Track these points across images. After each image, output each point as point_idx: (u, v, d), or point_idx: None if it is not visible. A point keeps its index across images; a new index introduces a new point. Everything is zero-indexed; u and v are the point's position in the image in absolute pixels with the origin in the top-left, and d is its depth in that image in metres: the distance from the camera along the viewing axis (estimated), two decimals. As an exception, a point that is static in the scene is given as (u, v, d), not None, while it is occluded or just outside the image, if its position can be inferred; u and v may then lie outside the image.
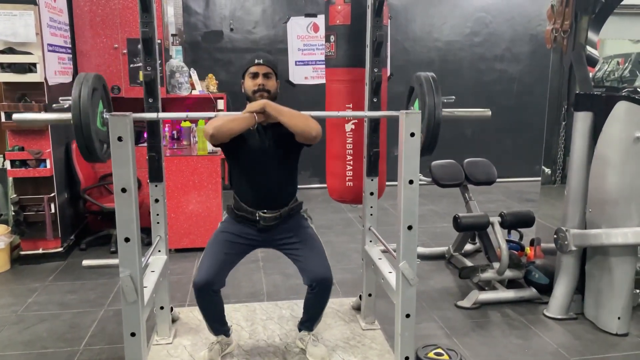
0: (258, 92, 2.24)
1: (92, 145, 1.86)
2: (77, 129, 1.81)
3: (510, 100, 6.71)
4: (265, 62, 2.27)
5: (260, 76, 2.25)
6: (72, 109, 1.81)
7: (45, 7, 3.63)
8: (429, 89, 2.09)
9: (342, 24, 2.76)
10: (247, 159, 2.30)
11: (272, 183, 2.32)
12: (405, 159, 1.97)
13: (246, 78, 2.29)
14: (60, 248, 3.84)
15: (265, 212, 2.31)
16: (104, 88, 2.02)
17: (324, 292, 2.32)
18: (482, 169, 3.68)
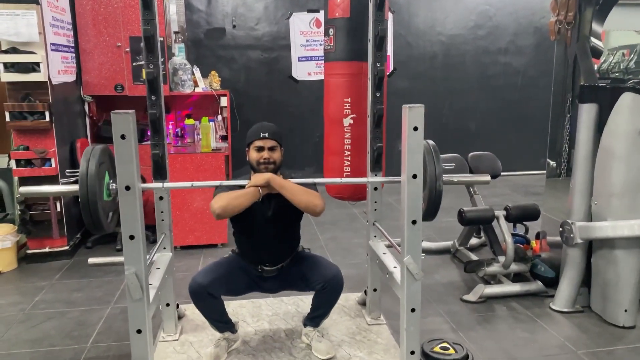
0: (263, 165, 2.29)
1: (97, 219, 1.88)
2: (83, 204, 1.84)
3: (515, 93, 6.68)
4: (271, 135, 2.30)
5: (266, 150, 2.29)
6: (80, 184, 1.83)
7: (47, 6, 3.64)
8: (430, 159, 2.09)
9: (341, 17, 2.75)
10: (251, 225, 2.35)
11: (275, 245, 2.39)
12: (408, 153, 1.96)
13: (251, 149, 2.32)
14: (67, 246, 3.86)
15: (267, 265, 2.41)
16: (110, 159, 2.03)
17: (335, 290, 2.38)
18: (486, 162, 3.66)
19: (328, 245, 4.14)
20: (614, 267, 2.77)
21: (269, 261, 2.41)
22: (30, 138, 3.64)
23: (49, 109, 3.59)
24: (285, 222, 2.40)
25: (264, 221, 2.35)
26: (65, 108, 3.95)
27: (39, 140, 3.65)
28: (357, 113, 2.74)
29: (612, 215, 2.74)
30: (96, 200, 1.84)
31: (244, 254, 2.45)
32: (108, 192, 1.99)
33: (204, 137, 4.06)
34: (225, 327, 2.46)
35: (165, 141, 2.47)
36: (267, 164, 2.28)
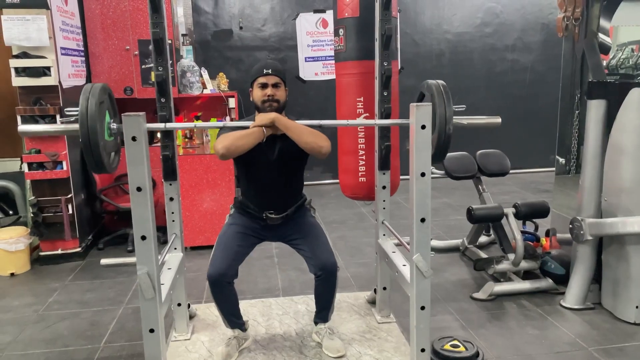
0: (267, 102, 2.25)
1: (99, 158, 1.85)
2: (84, 142, 1.80)
3: (523, 90, 6.65)
4: (274, 71, 2.25)
5: (270, 86, 2.25)
6: (80, 123, 1.79)
7: (57, 11, 3.68)
8: (440, 101, 2.03)
9: (351, 17, 2.76)
10: (255, 169, 2.35)
11: (279, 190, 2.38)
12: (416, 151, 1.97)
13: (255, 88, 2.28)
14: (79, 248, 3.90)
15: (271, 212, 2.37)
16: (110, 98, 2.00)
17: (330, 277, 2.35)
18: (495, 160, 3.66)
19: (337, 245, 4.15)
20: (625, 264, 2.76)
21: (273, 208, 2.37)
22: (42, 141, 3.68)
23: (60, 113, 3.64)
24: (290, 165, 2.35)
25: (268, 164, 2.31)
26: (75, 111, 4.00)
27: (50, 144, 3.70)
28: (369, 112, 2.74)
29: (622, 212, 2.73)
30: (97, 139, 1.79)
31: (248, 201, 2.41)
32: (109, 131, 1.94)
33: (212, 139, 4.09)
34: (237, 323, 2.48)
35: (175, 143, 2.50)
36: (272, 102, 2.24)
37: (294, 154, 2.28)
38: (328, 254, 2.34)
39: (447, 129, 2.01)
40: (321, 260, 2.32)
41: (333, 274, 2.34)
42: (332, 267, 2.32)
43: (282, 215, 2.39)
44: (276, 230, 2.44)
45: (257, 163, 2.31)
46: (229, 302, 2.39)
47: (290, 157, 2.32)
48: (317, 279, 2.35)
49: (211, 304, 3.01)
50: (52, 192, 3.75)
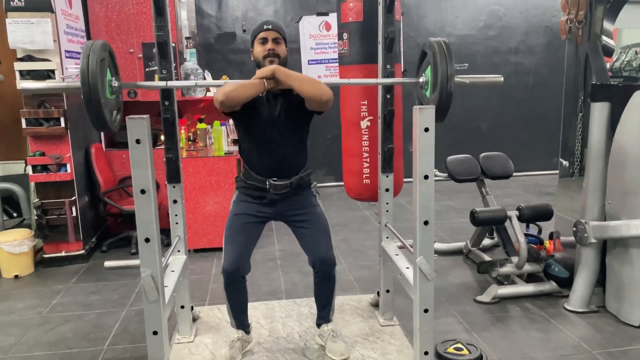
0: (268, 57, 2.22)
1: (102, 115, 1.83)
2: (86, 100, 1.79)
3: (526, 93, 6.65)
4: (274, 27, 2.26)
5: (270, 41, 2.24)
6: (81, 80, 1.77)
7: (61, 14, 3.70)
8: (442, 57, 2.01)
9: (354, 21, 2.77)
10: (257, 127, 2.28)
11: (282, 151, 2.30)
12: (419, 154, 1.97)
13: (255, 44, 2.27)
14: (82, 250, 3.91)
15: (275, 180, 2.30)
16: (110, 56, 1.97)
17: (327, 273, 2.36)
18: (498, 162, 3.65)
19: (340, 247, 4.15)
20: (629, 267, 2.75)
21: (277, 173, 2.30)
22: (46, 144, 3.70)
23: (64, 115, 3.66)
24: (293, 122, 2.30)
25: (272, 120, 2.26)
26: (79, 114, 4.01)
27: (54, 146, 3.71)
28: (374, 115, 2.75)
29: (626, 214, 2.72)
30: (99, 96, 1.78)
31: (251, 168, 2.34)
32: (110, 89, 1.91)
33: (216, 141, 4.10)
34: (243, 323, 2.48)
35: (178, 145, 2.50)
36: (272, 57, 2.22)
37: (297, 110, 2.25)
38: (327, 250, 2.34)
39: (449, 87, 1.99)
40: (319, 254, 2.32)
41: (330, 270, 2.35)
42: (329, 262, 2.33)
43: (287, 183, 2.31)
44: (279, 206, 2.37)
45: (259, 119, 2.25)
46: (240, 299, 2.41)
47: (294, 113, 2.27)
48: (316, 275, 2.37)
49: (214, 307, 3.02)
50: (56, 195, 3.77)
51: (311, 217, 2.39)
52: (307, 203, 2.42)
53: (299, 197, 2.39)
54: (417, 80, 2.25)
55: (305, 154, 2.41)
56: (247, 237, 2.34)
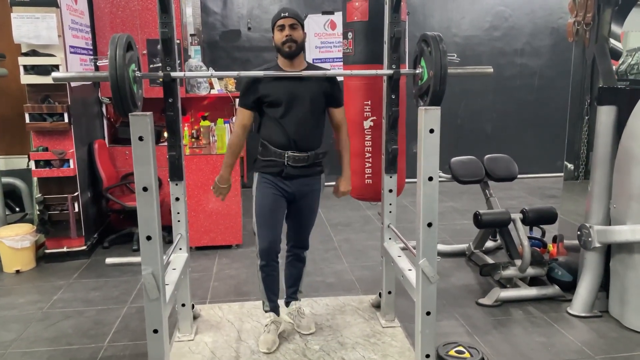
0: (287, 43, 2.37)
1: (127, 103, 1.95)
2: (113, 86, 1.90)
3: (531, 94, 6.61)
4: (291, 14, 2.40)
5: (287, 27, 2.37)
6: (109, 67, 1.88)
7: (66, 9, 3.70)
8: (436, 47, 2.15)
9: (360, 21, 2.76)
10: (282, 103, 2.41)
11: (303, 125, 2.43)
12: (424, 155, 1.95)
13: (275, 31, 2.42)
14: (84, 246, 3.91)
15: (294, 151, 2.43)
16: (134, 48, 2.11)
17: (300, 255, 2.67)
18: (502, 164, 3.63)
19: (342, 247, 4.13)
20: (633, 272, 2.72)
21: (296, 146, 2.43)
22: (50, 139, 3.70)
23: (68, 111, 3.65)
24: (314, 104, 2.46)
25: (294, 98, 2.41)
26: (83, 110, 4.01)
27: (57, 142, 3.71)
28: (377, 116, 2.74)
29: (632, 219, 2.70)
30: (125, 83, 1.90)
31: (272, 142, 2.46)
32: (133, 79, 2.04)
33: (219, 139, 4.08)
34: (275, 305, 2.63)
35: (181, 142, 2.49)
36: (290, 42, 2.37)
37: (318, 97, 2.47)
38: (306, 238, 2.65)
39: (442, 74, 2.11)
40: (299, 242, 2.64)
41: (304, 253, 2.68)
42: (306, 246, 2.67)
43: (304, 156, 2.44)
44: (295, 183, 2.48)
45: (284, 97, 2.41)
46: (273, 280, 2.56)
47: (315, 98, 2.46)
48: (289, 254, 2.67)
49: (215, 305, 3.02)
50: (58, 190, 3.76)
51: (311, 205, 2.58)
52: (314, 188, 2.57)
53: (311, 179, 2.54)
54: (414, 71, 2.37)
55: (320, 134, 2.54)
56: (276, 218, 2.49)
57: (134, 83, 2.12)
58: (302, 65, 2.46)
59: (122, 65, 1.93)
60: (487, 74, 2.43)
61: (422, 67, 2.36)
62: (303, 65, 2.47)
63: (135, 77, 2.12)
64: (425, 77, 2.35)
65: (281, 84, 2.40)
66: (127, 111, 2.03)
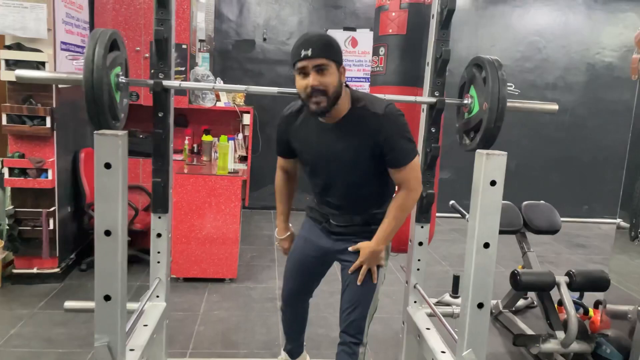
0: (312, 98, 1.66)
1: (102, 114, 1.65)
2: (87, 92, 1.59)
3: (561, 133, 6.15)
4: (316, 52, 1.62)
5: (312, 73, 1.64)
6: (84, 69, 1.57)
7: (62, 1, 3.28)
8: (495, 76, 1.81)
9: (395, 34, 2.32)
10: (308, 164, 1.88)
11: (341, 192, 1.84)
12: (481, 213, 1.48)
13: (296, 75, 1.71)
14: (57, 269, 3.43)
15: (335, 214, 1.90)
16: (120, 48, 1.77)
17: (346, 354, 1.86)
18: (543, 215, 3.15)
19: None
20: None
21: (337, 209, 1.87)
22: (28, 145, 3.25)
23: (52, 114, 3.21)
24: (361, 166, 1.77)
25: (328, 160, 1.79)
26: (71, 114, 3.56)
27: (37, 148, 3.26)
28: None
29: None
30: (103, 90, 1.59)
31: (312, 202, 2.01)
32: (116, 85, 1.73)
33: (221, 158, 3.63)
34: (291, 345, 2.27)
35: (170, 166, 2.03)
36: (318, 97, 1.64)
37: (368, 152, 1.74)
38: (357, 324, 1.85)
39: (499, 108, 1.79)
40: (347, 326, 1.86)
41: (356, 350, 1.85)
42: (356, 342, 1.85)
43: (349, 218, 1.87)
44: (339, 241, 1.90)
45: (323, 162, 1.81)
46: (291, 324, 2.21)
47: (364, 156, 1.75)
48: (338, 347, 1.89)
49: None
50: (33, 203, 3.30)
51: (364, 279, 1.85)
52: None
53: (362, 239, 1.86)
54: (462, 102, 1.97)
55: (379, 196, 1.88)
56: (306, 271, 2.05)
57: (116, 90, 1.76)
58: (340, 114, 1.74)
59: (101, 68, 1.60)
60: (552, 111, 2.02)
61: (472, 97, 1.93)
62: (342, 112, 1.74)
63: (119, 84, 1.77)
64: (476, 109, 1.92)
65: (311, 135, 1.80)
66: (103, 124, 1.69)
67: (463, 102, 1.97)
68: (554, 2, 5.95)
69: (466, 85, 2.01)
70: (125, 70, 1.93)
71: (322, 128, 1.78)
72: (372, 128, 1.70)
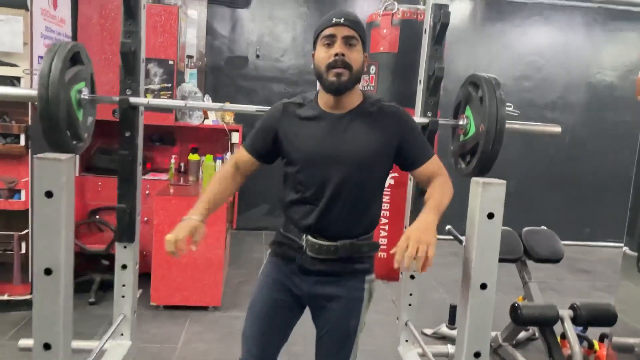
0: (334, 69, 1.44)
1: (59, 134, 1.56)
2: (41, 113, 1.52)
3: (561, 153, 5.99)
4: (347, 20, 1.45)
5: (339, 41, 1.45)
6: (39, 85, 1.50)
7: (40, 14, 3.14)
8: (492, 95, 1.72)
9: (386, 52, 2.18)
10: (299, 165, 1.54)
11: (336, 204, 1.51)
12: (477, 250, 1.31)
13: (318, 46, 1.50)
14: (29, 295, 3.22)
15: (316, 237, 1.54)
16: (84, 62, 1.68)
17: None
18: (545, 242, 2.98)
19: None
20: None
21: (321, 227, 1.53)
22: (1, 164, 3.08)
23: (26, 132, 3.04)
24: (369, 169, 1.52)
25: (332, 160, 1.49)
26: (50, 131, 3.40)
27: (10, 168, 3.08)
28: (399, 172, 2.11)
29: None
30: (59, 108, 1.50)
31: (290, 219, 1.60)
32: (77, 102, 1.64)
33: (205, 179, 3.46)
34: None
35: (138, 192, 1.86)
36: (340, 68, 1.44)
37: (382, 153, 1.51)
38: None
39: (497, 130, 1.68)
40: None
41: None
42: None
43: (331, 246, 1.53)
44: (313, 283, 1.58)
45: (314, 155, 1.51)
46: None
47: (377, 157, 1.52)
48: None
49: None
50: (4, 226, 3.11)
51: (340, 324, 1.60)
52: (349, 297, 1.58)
53: (343, 281, 1.57)
54: (457, 123, 1.86)
55: (372, 217, 1.59)
56: (271, 323, 1.63)
57: (78, 107, 1.66)
58: (352, 105, 1.53)
59: (58, 84, 1.51)
60: (555, 133, 1.86)
61: (468, 118, 1.78)
62: (355, 104, 1.54)
63: (81, 101, 1.66)
64: (472, 131, 1.77)
65: (313, 131, 1.52)
66: (61, 145, 1.60)
67: (458, 123, 1.82)
68: (553, 20, 5.85)
69: (462, 105, 1.86)
70: (91, 86, 1.79)
71: (328, 118, 1.51)
72: (392, 121, 1.51)
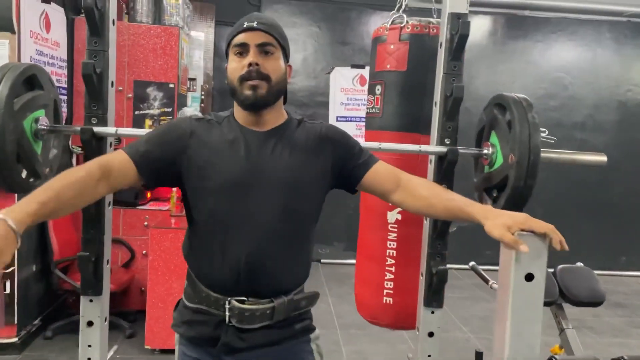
0: (248, 81, 1.18)
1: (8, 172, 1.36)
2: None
3: (592, 176, 5.60)
4: (261, 24, 1.20)
5: (253, 49, 1.19)
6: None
7: (30, 37, 2.97)
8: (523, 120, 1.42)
9: (394, 70, 1.91)
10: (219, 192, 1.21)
11: (263, 243, 1.20)
12: (513, 324, 1.00)
13: (230, 57, 1.24)
14: (15, 338, 2.99)
15: (243, 301, 1.20)
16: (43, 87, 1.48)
17: None
18: (583, 282, 2.61)
19: (353, 365, 3.12)
20: None
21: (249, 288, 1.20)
22: (-13, 196, 2.87)
23: (12, 162, 2.84)
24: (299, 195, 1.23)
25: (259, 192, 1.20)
26: (41, 161, 3.20)
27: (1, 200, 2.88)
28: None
29: None
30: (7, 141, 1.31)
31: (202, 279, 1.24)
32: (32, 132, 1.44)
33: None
34: None
35: (106, 236, 1.60)
36: (256, 80, 1.18)
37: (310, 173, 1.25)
38: None
39: (531, 161, 1.42)
40: None
41: None
42: None
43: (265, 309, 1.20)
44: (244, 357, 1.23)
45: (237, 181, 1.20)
46: None
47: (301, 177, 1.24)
48: None
49: None
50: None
51: None
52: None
53: (284, 352, 1.25)
54: (481, 151, 1.56)
55: (308, 256, 1.32)
56: None
57: (34, 140, 1.46)
58: (275, 123, 1.27)
59: (4, 112, 1.30)
60: (600, 163, 1.56)
61: (494, 146, 1.48)
62: (279, 121, 1.28)
63: (38, 132, 1.46)
64: (499, 161, 1.47)
65: (232, 154, 1.21)
66: (10, 185, 1.41)
67: (482, 152, 1.53)
68: (579, 36, 5.53)
69: (486, 130, 1.57)
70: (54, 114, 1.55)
71: (250, 137, 1.23)
72: (322, 140, 1.28)
